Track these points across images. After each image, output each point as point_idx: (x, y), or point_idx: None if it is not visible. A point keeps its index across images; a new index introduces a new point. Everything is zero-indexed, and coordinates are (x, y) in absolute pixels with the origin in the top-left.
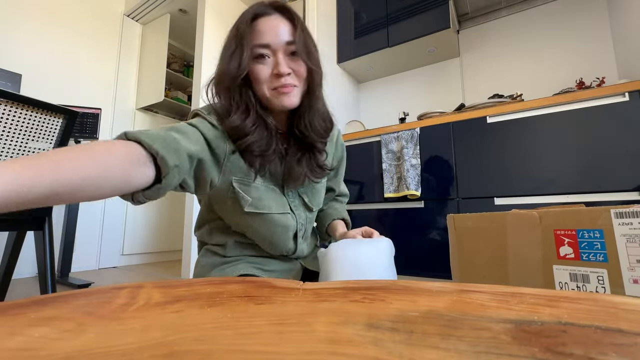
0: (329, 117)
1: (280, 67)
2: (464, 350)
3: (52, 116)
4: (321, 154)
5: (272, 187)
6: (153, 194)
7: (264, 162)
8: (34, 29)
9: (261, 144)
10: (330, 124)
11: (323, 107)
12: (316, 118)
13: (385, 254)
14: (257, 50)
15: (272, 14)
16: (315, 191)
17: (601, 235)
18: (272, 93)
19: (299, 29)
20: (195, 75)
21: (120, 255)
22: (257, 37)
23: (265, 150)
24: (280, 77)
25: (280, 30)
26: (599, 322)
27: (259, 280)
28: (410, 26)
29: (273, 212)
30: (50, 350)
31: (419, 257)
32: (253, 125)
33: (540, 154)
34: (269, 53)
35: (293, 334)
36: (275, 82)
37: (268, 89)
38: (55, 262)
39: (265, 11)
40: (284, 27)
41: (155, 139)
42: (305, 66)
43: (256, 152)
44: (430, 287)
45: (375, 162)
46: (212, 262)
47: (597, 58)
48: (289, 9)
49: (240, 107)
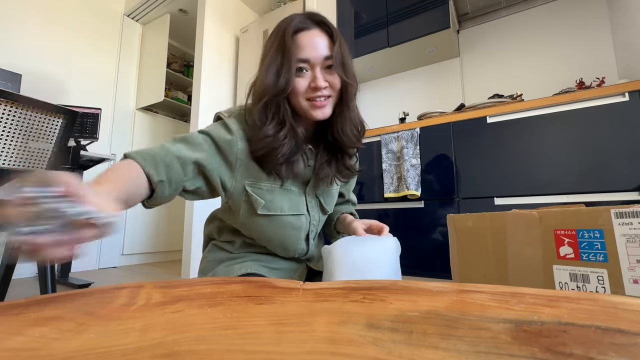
0: (361, 124)
1: (318, 81)
2: (464, 350)
3: (52, 116)
4: (351, 158)
5: (292, 188)
6: (154, 202)
7: (289, 168)
8: (34, 29)
9: (288, 154)
10: (362, 131)
11: (356, 115)
12: (349, 126)
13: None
14: (297, 65)
15: (312, 29)
16: (331, 195)
17: (601, 235)
18: (307, 104)
19: (337, 44)
20: (195, 75)
21: (120, 255)
22: (298, 51)
23: (289, 158)
24: (317, 90)
25: (319, 45)
26: (599, 322)
27: (259, 280)
28: (410, 26)
29: (286, 213)
30: (50, 350)
31: (419, 257)
32: (285, 138)
33: (540, 153)
34: (308, 67)
35: (293, 334)
36: (311, 94)
37: (304, 99)
38: (55, 262)
39: (305, 26)
40: (322, 42)
41: (146, 158)
42: (340, 79)
43: (281, 161)
44: (430, 287)
45: (375, 162)
46: (219, 258)
47: (597, 58)
48: (327, 23)
49: (276, 118)
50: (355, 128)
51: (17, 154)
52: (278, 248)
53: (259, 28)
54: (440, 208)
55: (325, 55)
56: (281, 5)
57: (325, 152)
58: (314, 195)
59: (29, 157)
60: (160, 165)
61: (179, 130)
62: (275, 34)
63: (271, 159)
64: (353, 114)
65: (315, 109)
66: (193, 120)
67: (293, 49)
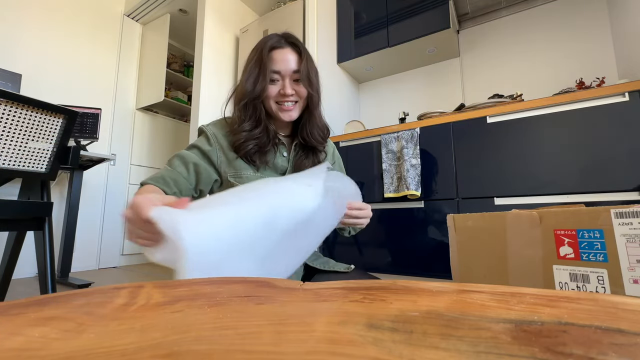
0: (325, 127)
1: (286, 89)
2: (464, 350)
3: (52, 116)
4: (321, 153)
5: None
6: None
7: (262, 157)
8: (34, 29)
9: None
10: (326, 133)
11: (320, 120)
12: (315, 129)
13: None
14: (271, 75)
15: (285, 47)
16: None
17: (601, 235)
18: (276, 107)
19: (304, 61)
20: (195, 75)
21: (120, 255)
22: (272, 64)
23: (261, 148)
24: (285, 96)
25: (289, 61)
26: (599, 322)
27: (259, 280)
28: (410, 26)
29: None
30: (50, 350)
31: (419, 257)
32: (260, 133)
33: (540, 154)
34: (279, 77)
35: (293, 334)
36: (280, 98)
37: (274, 103)
38: (55, 262)
39: (279, 45)
40: (292, 59)
41: (157, 180)
42: (305, 90)
43: (254, 150)
44: (430, 287)
45: (375, 162)
46: None
47: (597, 58)
48: (298, 44)
49: (253, 117)
50: (321, 131)
51: (17, 154)
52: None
53: (259, 28)
54: (440, 208)
55: (293, 69)
56: (281, 5)
57: (300, 148)
58: None
59: (29, 157)
60: (170, 182)
61: (179, 130)
62: (255, 50)
63: (246, 148)
64: (318, 120)
65: (282, 112)
66: (193, 120)
67: (268, 63)
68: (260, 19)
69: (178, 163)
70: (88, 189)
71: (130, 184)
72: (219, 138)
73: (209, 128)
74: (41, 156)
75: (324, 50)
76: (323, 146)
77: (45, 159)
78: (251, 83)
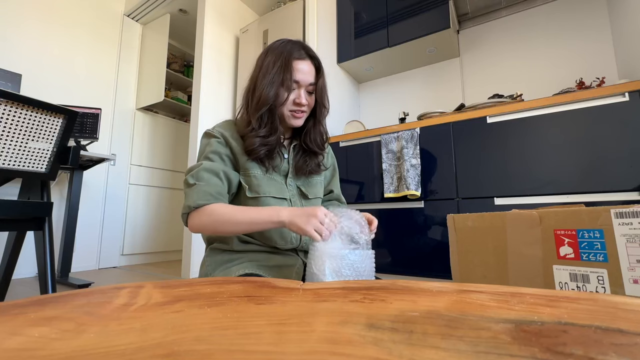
0: (326, 134)
1: (302, 99)
2: (464, 350)
3: (52, 116)
4: (320, 156)
5: (275, 177)
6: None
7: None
8: (34, 29)
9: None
10: (326, 139)
11: (323, 129)
12: (318, 136)
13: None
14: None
15: (306, 60)
16: (312, 184)
17: (601, 235)
18: (289, 114)
19: (321, 75)
20: (195, 75)
21: (120, 255)
22: (294, 74)
23: (271, 152)
24: (299, 105)
25: (309, 74)
26: (599, 322)
27: (260, 280)
28: (410, 26)
29: (271, 195)
30: (50, 350)
31: (419, 257)
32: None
33: (540, 154)
34: (296, 86)
35: (293, 334)
36: (294, 107)
37: (287, 109)
38: (55, 262)
39: (302, 56)
40: (311, 72)
41: (208, 199)
42: (316, 102)
43: (264, 154)
44: (430, 287)
45: (375, 162)
46: (217, 261)
47: (597, 58)
48: (316, 57)
49: (269, 124)
50: (322, 138)
51: (17, 154)
52: (277, 235)
53: (259, 28)
54: (440, 208)
55: (310, 82)
56: (281, 5)
57: (300, 152)
58: (294, 184)
59: (29, 157)
60: (220, 198)
61: (179, 130)
62: (277, 57)
63: (258, 152)
64: (322, 128)
65: (294, 119)
66: (193, 120)
67: (291, 73)
68: (261, 19)
69: (209, 176)
70: (88, 189)
71: (130, 184)
72: (230, 140)
73: (219, 131)
74: (41, 156)
75: (324, 50)
76: (322, 150)
77: (45, 159)
78: (274, 91)
